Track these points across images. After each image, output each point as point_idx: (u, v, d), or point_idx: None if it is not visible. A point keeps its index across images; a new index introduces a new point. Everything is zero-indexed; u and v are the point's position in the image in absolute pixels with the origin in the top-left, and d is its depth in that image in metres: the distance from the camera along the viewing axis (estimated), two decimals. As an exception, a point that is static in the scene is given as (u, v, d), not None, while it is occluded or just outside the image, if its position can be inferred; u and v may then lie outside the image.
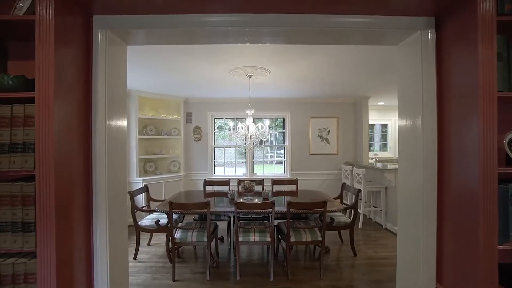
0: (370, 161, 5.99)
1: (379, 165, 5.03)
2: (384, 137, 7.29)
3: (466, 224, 1.17)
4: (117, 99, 1.43)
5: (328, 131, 5.96)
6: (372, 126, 6.90)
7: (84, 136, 1.24)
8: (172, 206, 2.79)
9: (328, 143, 5.96)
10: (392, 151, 7.19)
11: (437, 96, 1.29)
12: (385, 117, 7.15)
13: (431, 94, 1.29)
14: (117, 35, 1.36)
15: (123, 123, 1.46)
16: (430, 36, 1.27)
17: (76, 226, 1.21)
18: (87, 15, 1.31)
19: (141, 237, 3.49)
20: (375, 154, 7.11)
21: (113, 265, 1.36)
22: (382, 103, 6.71)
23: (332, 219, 3.33)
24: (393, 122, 7.17)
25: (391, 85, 4.51)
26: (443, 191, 1.32)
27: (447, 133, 1.27)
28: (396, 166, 4.61)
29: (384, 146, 7.32)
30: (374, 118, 6.70)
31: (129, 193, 3.31)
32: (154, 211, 3.25)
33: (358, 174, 4.67)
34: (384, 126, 7.27)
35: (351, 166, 5.24)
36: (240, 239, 2.89)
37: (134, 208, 3.27)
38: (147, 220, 3.38)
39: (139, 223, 3.31)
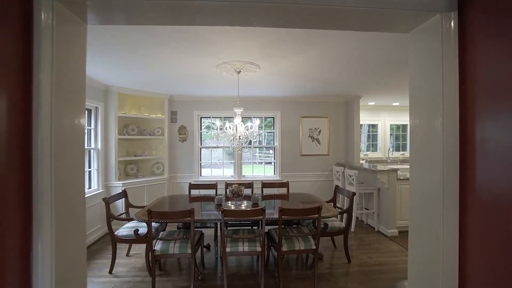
0: (360, 161, 5.87)
1: (371, 166, 4.91)
2: (373, 137, 7.21)
3: (502, 233, 0.99)
4: (73, 93, 1.14)
5: (319, 131, 5.79)
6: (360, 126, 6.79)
7: (22, 138, 0.95)
8: (151, 215, 2.50)
9: (319, 143, 5.80)
10: (382, 152, 7.13)
11: (459, 91, 1.10)
12: (375, 117, 7.08)
13: (452, 89, 1.09)
14: (71, 9, 1.04)
15: (80, 121, 1.17)
16: (452, 20, 1.08)
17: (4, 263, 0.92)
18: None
19: (119, 247, 3.18)
20: (365, 155, 7.03)
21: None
22: (372, 103, 6.63)
23: (325, 225, 3.14)
24: (383, 122, 7.11)
25: (387, 83, 4.37)
26: (466, 196, 1.14)
27: (471, 132, 1.08)
28: (387, 167, 4.50)
29: (372, 146, 7.25)
30: (363, 118, 6.59)
31: (104, 200, 2.99)
32: (132, 219, 2.95)
33: (351, 176, 4.52)
34: (373, 126, 7.19)
35: (342, 167, 5.10)
36: (228, 249, 2.64)
37: (110, 217, 2.95)
38: (124, 230, 3.06)
39: (115, 233, 2.99)
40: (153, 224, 2.89)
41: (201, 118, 5.68)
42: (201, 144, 5.70)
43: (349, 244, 3.50)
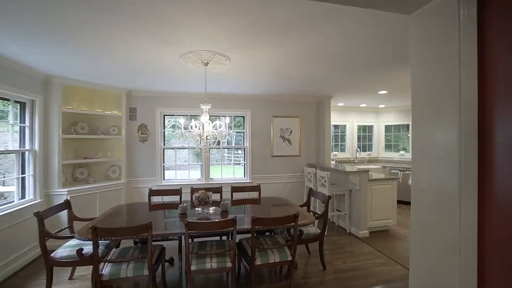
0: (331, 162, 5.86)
1: (341, 167, 4.87)
2: (341, 138, 7.29)
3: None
4: None
5: (291, 132, 5.64)
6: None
7: None
8: (97, 233, 2.04)
9: (290, 144, 5.65)
10: (350, 152, 7.25)
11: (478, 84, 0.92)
12: (343, 118, 7.16)
13: (471, 83, 0.90)
14: None
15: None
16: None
17: None
18: None
19: (60, 270, 2.62)
20: (334, 155, 7.08)
21: None
22: (341, 104, 6.68)
23: (301, 232, 2.93)
24: (351, 122, 7.22)
25: (362, 82, 4.27)
26: (485, 196, 0.98)
27: (490, 126, 0.91)
28: (356, 168, 4.48)
29: (340, 147, 7.32)
30: (332, 119, 6.59)
31: (37, 214, 2.41)
32: (74, 237, 2.43)
33: (323, 177, 4.41)
34: (341, 127, 7.26)
35: (314, 169, 4.99)
36: (193, 267, 2.28)
37: (44, 235, 2.39)
38: (65, 250, 2.51)
39: (52, 255, 2.43)
40: (102, 242, 2.41)
41: (164, 116, 5.16)
42: (164, 145, 5.18)
43: (323, 249, 3.35)
